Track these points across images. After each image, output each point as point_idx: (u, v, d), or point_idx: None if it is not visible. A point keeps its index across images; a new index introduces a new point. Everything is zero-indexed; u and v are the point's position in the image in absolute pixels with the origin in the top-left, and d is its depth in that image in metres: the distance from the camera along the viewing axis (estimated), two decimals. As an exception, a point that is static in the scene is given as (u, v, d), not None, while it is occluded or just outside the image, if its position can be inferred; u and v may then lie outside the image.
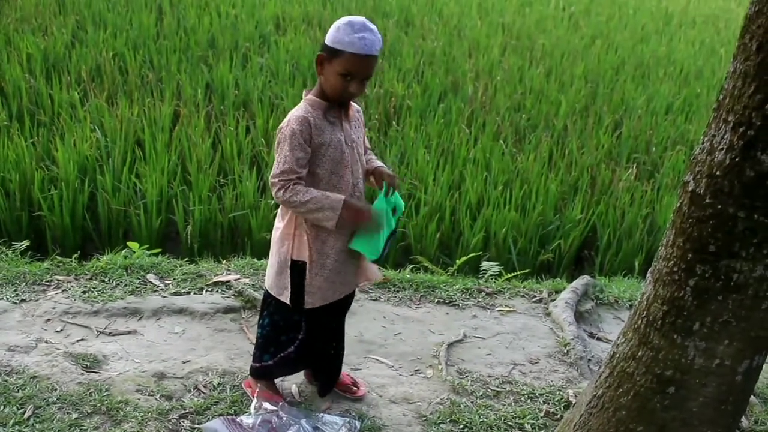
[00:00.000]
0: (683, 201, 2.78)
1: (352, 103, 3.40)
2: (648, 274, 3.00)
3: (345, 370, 4.09)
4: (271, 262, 3.49)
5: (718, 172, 2.61)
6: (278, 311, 3.56)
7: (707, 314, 2.74)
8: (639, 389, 2.97)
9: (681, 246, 2.77)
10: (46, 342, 4.08)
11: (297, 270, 3.38)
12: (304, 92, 3.35)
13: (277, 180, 3.20)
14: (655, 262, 2.96)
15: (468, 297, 5.20)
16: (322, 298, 3.42)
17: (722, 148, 2.59)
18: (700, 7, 19.19)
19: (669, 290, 2.82)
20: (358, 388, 3.89)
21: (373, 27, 3.14)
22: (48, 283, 4.74)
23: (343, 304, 3.64)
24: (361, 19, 3.14)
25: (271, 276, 3.49)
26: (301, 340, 3.57)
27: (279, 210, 3.48)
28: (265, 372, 3.68)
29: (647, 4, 18.10)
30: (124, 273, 4.93)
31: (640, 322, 2.98)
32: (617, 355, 3.10)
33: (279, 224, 3.43)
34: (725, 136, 2.58)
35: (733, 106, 2.56)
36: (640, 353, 2.96)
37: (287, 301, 3.42)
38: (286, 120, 3.24)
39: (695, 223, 2.71)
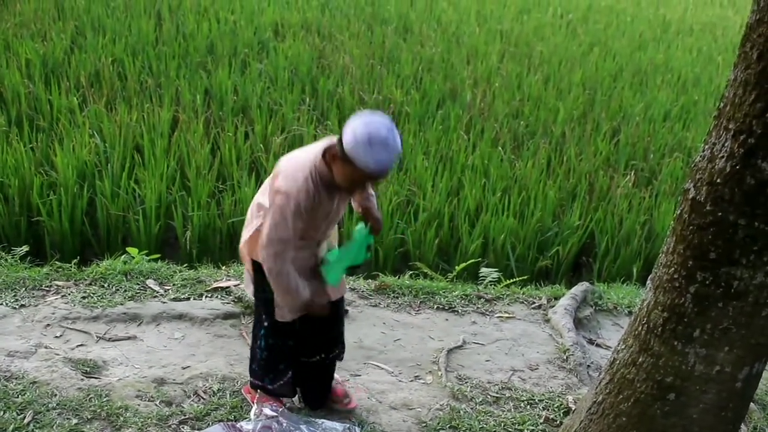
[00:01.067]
0: (684, 208, 2.79)
1: None
2: (648, 281, 3.01)
3: (345, 376, 4.10)
4: (246, 268, 3.57)
5: (718, 180, 2.62)
6: (272, 334, 3.55)
7: (708, 321, 2.75)
8: (639, 396, 2.98)
9: (681, 253, 2.78)
10: (46, 347, 4.09)
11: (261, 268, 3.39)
12: (330, 139, 3.23)
13: (274, 247, 3.17)
14: (655, 269, 2.97)
15: (467, 303, 5.20)
16: (292, 310, 3.41)
17: (723, 156, 2.60)
18: (697, 14, 19.23)
19: (669, 297, 2.83)
20: (350, 400, 3.84)
21: (393, 140, 2.99)
22: (47, 289, 4.74)
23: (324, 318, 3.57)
24: (382, 133, 2.96)
25: (247, 280, 3.57)
26: (299, 363, 3.61)
27: (250, 213, 3.46)
28: (265, 391, 3.68)
29: (645, 12, 18.13)
30: (124, 278, 4.93)
31: (640, 328, 2.99)
32: (617, 362, 3.11)
33: (246, 234, 3.46)
34: (726, 144, 2.59)
35: (733, 114, 2.57)
36: (640, 360, 2.97)
37: (251, 294, 3.53)
38: (293, 182, 3.14)
39: (696, 230, 2.72)
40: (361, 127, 2.96)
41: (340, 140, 3.03)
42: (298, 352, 3.60)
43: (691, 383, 2.86)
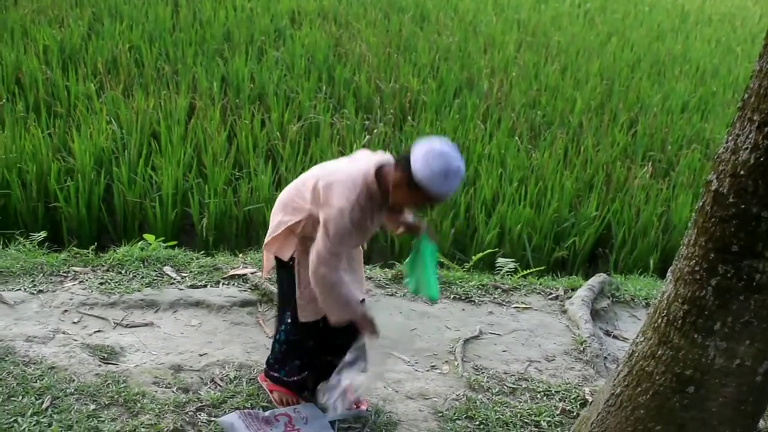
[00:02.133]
0: (706, 200, 2.76)
1: None
2: (669, 273, 2.99)
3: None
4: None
5: (742, 172, 2.59)
6: (294, 331, 3.54)
7: (728, 314, 2.72)
8: (658, 388, 2.96)
9: (703, 245, 2.75)
10: (64, 333, 4.10)
11: (284, 265, 3.41)
12: (374, 159, 3.28)
13: (327, 262, 3.15)
14: (676, 261, 2.94)
15: (484, 293, 5.19)
16: (315, 312, 3.40)
17: (747, 148, 2.58)
18: (716, 5, 19.09)
19: (690, 289, 2.81)
20: (360, 404, 3.77)
21: (463, 169, 3.05)
22: (65, 275, 4.76)
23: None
24: (456, 165, 3.01)
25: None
26: (322, 361, 3.58)
27: (291, 204, 3.41)
28: (280, 382, 3.67)
29: (663, 2, 18.01)
30: (141, 265, 4.94)
31: (660, 320, 2.97)
32: (636, 354, 3.09)
33: (284, 218, 3.41)
34: (750, 136, 2.57)
35: (758, 105, 2.54)
36: (659, 352, 2.95)
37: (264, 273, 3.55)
38: (346, 199, 3.14)
39: (718, 222, 2.69)
40: (436, 159, 2.99)
41: (405, 165, 3.06)
42: (321, 352, 3.57)
43: (711, 376, 2.83)
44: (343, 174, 3.22)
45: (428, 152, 3.01)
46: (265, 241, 3.49)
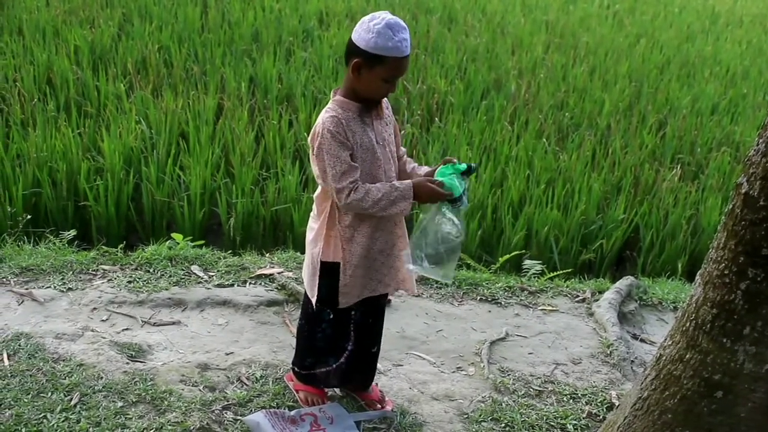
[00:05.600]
0: (736, 203, 2.73)
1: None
2: (697, 277, 2.96)
3: (387, 366, 4.11)
4: (306, 263, 3.48)
5: (773, 175, 2.57)
6: (306, 322, 3.55)
7: (758, 318, 2.70)
8: (686, 393, 2.94)
9: (733, 249, 2.73)
10: (93, 330, 4.14)
11: (329, 271, 3.34)
12: (332, 92, 3.33)
13: (344, 185, 3.12)
14: (705, 264, 2.92)
15: (510, 295, 5.18)
16: (357, 295, 3.38)
17: (778, 150, 2.55)
18: (747, 6, 18.90)
19: (719, 293, 2.78)
20: (384, 404, 3.76)
21: (401, 20, 3.10)
22: (94, 273, 4.81)
23: (378, 304, 3.59)
24: (394, 18, 3.06)
25: (306, 277, 3.47)
26: (350, 351, 3.56)
27: (314, 210, 3.43)
28: (305, 379, 3.68)
29: (693, 3, 17.87)
30: (169, 264, 4.98)
31: (688, 324, 2.94)
32: (664, 358, 3.07)
33: (314, 225, 3.39)
34: (781, 138, 2.54)
35: (790, 107, 2.51)
36: (687, 356, 2.93)
37: (315, 301, 3.40)
38: (318, 124, 3.19)
39: (748, 225, 2.66)
40: (373, 21, 3.05)
41: (353, 50, 3.11)
42: (355, 341, 3.56)
43: (740, 381, 2.81)
44: None
45: (362, 23, 3.08)
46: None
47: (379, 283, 3.42)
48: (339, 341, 3.53)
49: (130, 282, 4.71)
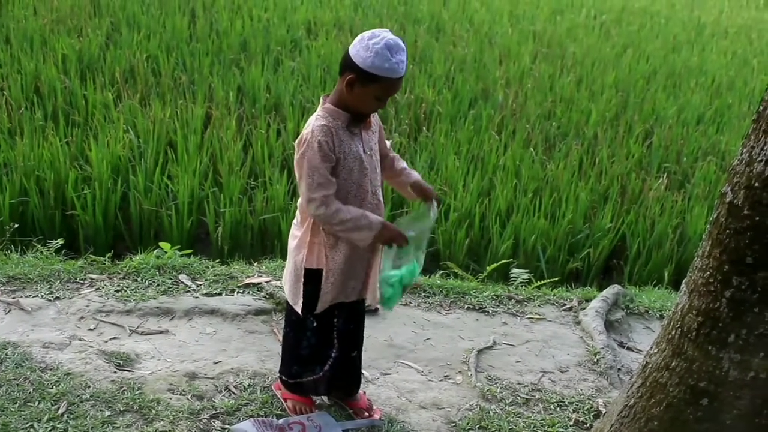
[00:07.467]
0: (720, 212, 2.77)
1: None
2: (683, 285, 2.99)
3: (375, 374, 4.12)
4: (288, 270, 3.49)
5: (756, 184, 2.60)
6: (291, 330, 3.57)
7: (743, 326, 2.73)
8: (672, 400, 2.96)
9: (717, 257, 2.76)
10: (80, 339, 4.14)
11: (312, 278, 3.35)
12: (321, 98, 3.34)
13: (317, 197, 3.15)
14: (690, 272, 2.95)
15: (498, 304, 5.19)
16: (331, 300, 3.39)
17: (761, 160, 2.58)
18: (732, 17, 19.04)
19: (704, 301, 2.81)
20: (372, 413, 3.76)
21: (401, 41, 3.11)
22: (82, 282, 4.80)
23: (360, 310, 3.61)
24: (394, 39, 3.07)
25: (288, 284, 3.48)
26: (334, 358, 3.56)
27: (296, 217, 3.45)
28: (292, 387, 3.68)
29: (679, 14, 17.99)
30: (157, 273, 4.97)
31: (674, 332, 2.97)
32: (650, 365, 3.09)
33: (297, 232, 3.41)
34: (765, 148, 2.58)
35: (773, 117, 2.55)
36: (673, 364, 2.95)
37: (299, 311, 3.41)
38: (307, 130, 3.21)
39: (732, 234, 2.70)
40: (373, 40, 3.07)
41: (348, 65, 3.13)
42: (339, 347, 3.56)
43: (725, 389, 2.83)
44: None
45: (362, 40, 3.09)
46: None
47: (353, 290, 3.44)
48: (323, 349, 3.54)
49: (117, 291, 4.70)
